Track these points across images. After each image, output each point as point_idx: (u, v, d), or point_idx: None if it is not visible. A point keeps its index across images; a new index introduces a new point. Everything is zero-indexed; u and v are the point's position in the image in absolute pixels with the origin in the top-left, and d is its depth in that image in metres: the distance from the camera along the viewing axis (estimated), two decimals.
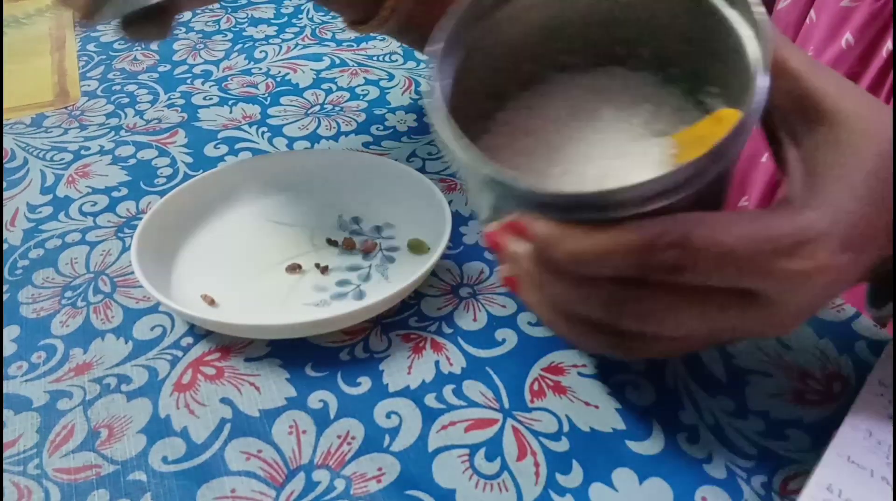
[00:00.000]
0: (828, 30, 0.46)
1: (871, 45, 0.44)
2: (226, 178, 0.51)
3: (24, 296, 0.45)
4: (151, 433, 0.36)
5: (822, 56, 0.46)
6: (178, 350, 0.41)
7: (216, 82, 0.69)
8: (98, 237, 0.50)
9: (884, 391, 0.33)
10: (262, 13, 0.82)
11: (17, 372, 0.40)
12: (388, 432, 0.36)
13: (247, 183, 0.51)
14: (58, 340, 0.42)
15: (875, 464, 0.30)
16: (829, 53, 0.45)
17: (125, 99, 0.67)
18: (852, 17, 0.44)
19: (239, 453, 0.35)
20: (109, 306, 0.44)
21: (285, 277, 0.45)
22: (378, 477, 0.34)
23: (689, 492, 0.33)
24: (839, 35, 0.45)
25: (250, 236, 0.48)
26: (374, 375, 0.39)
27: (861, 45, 0.44)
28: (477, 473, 0.34)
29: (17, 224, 0.52)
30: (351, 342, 0.41)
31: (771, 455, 0.34)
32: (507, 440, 0.35)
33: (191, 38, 0.77)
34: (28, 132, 0.63)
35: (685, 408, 0.36)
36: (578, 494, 0.33)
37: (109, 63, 0.73)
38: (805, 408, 0.36)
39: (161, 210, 0.47)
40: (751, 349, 0.39)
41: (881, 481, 0.29)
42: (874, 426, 0.32)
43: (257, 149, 0.59)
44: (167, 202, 0.48)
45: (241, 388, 0.39)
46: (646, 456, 0.34)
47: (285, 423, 0.37)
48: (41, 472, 0.35)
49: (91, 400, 0.38)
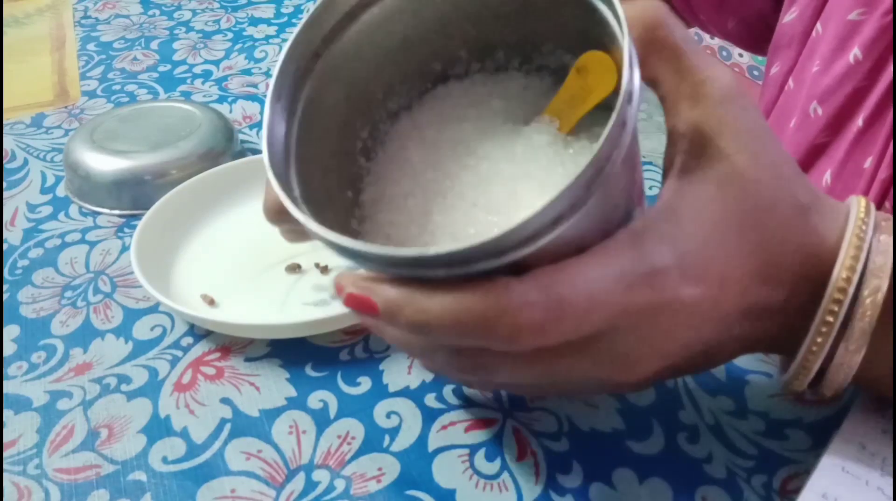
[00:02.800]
0: (835, 43, 0.44)
1: (881, 60, 0.41)
2: (226, 178, 0.51)
3: (24, 296, 0.45)
4: (151, 433, 0.36)
5: (829, 70, 0.44)
6: (178, 350, 0.41)
7: (216, 82, 0.69)
8: (98, 237, 0.50)
9: (877, 406, 0.33)
10: (262, 13, 0.82)
11: (17, 372, 0.40)
12: (388, 432, 0.36)
13: (247, 183, 0.51)
14: (58, 340, 0.42)
15: (870, 475, 0.30)
16: (836, 68, 0.44)
17: (125, 99, 0.67)
18: (861, 31, 0.42)
19: (239, 453, 0.35)
20: (109, 306, 0.44)
21: (285, 277, 0.45)
22: (378, 477, 0.34)
23: (689, 492, 0.33)
24: (847, 49, 0.43)
25: (250, 236, 0.48)
26: (374, 375, 0.39)
27: (870, 61, 0.42)
28: (477, 473, 0.34)
29: (17, 224, 0.52)
30: (351, 342, 0.41)
31: (771, 455, 0.34)
32: (507, 440, 0.35)
33: (191, 38, 0.77)
34: (28, 132, 0.63)
35: (685, 408, 0.36)
36: (578, 494, 0.33)
37: (109, 63, 0.73)
38: (805, 408, 0.36)
39: (161, 210, 0.47)
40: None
41: (877, 491, 0.29)
42: (867, 439, 0.31)
43: (257, 149, 0.59)
44: (167, 202, 0.48)
45: (241, 388, 0.39)
46: (646, 456, 0.34)
47: (285, 423, 0.37)
48: (41, 472, 0.35)
49: (91, 400, 0.38)
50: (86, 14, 0.85)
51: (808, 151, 0.46)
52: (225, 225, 0.49)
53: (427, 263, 0.24)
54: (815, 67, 0.46)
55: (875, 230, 0.29)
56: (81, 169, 0.53)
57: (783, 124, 0.49)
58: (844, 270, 0.28)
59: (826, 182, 0.45)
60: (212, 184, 0.50)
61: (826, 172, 0.45)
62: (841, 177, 0.44)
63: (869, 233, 0.28)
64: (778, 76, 0.51)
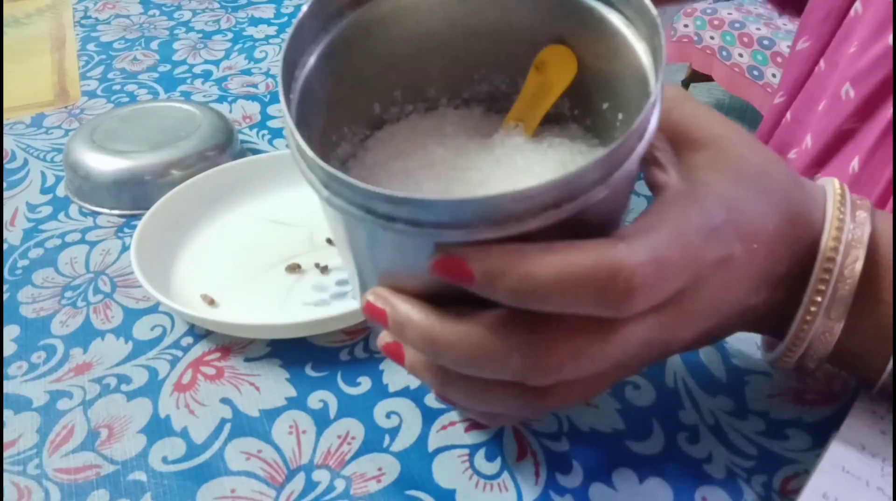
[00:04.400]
0: (874, 25, 0.43)
1: None
2: (226, 178, 0.51)
3: (24, 296, 0.45)
4: (151, 433, 0.36)
5: (865, 52, 0.43)
6: (178, 350, 0.41)
7: (216, 82, 0.69)
8: (98, 237, 0.50)
9: (875, 408, 0.33)
10: (262, 13, 0.82)
11: (17, 372, 0.40)
12: (388, 432, 0.36)
13: (247, 183, 0.51)
14: (58, 340, 0.42)
15: (870, 475, 0.30)
16: (873, 51, 0.43)
17: (125, 99, 0.67)
18: None
19: (239, 453, 0.35)
20: (109, 306, 0.44)
21: (285, 276, 0.45)
22: (378, 477, 0.34)
23: (689, 492, 0.33)
24: (886, 33, 0.42)
25: (250, 236, 0.48)
26: (374, 375, 0.39)
27: None
28: (477, 473, 0.34)
29: (17, 224, 0.52)
30: (351, 342, 0.41)
31: (771, 455, 0.34)
32: (507, 440, 0.35)
33: (191, 38, 0.77)
34: (28, 132, 0.63)
35: (685, 408, 0.36)
36: (578, 494, 0.33)
37: (109, 63, 0.73)
38: (805, 408, 0.36)
39: (161, 210, 0.47)
40: (751, 348, 0.39)
41: (877, 491, 0.29)
42: (867, 440, 0.31)
43: (257, 149, 0.59)
44: (167, 202, 0.48)
45: (241, 388, 0.39)
46: (646, 456, 0.34)
47: (285, 423, 0.37)
48: (41, 472, 0.35)
49: (91, 400, 0.38)
50: (86, 14, 0.85)
51: (835, 136, 0.46)
52: (225, 225, 0.49)
53: (506, 206, 0.22)
54: (851, 48, 0.45)
55: (852, 207, 0.30)
56: (81, 169, 0.53)
57: (811, 107, 0.49)
58: (831, 240, 0.29)
59: (853, 169, 0.45)
60: (212, 184, 0.50)
61: (853, 159, 0.45)
62: (869, 165, 0.44)
63: (847, 208, 0.30)
64: (806, 53, 0.50)
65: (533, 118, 0.32)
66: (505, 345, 0.24)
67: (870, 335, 0.30)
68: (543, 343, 0.24)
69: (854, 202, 0.31)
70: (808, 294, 0.30)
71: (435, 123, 0.34)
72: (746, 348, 0.39)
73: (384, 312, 0.27)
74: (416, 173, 0.31)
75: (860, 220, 0.30)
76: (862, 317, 0.30)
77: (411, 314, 0.26)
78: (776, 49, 1.95)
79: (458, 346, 0.25)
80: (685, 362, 0.39)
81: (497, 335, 0.25)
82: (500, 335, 0.25)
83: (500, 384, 0.26)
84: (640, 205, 0.50)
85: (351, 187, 0.24)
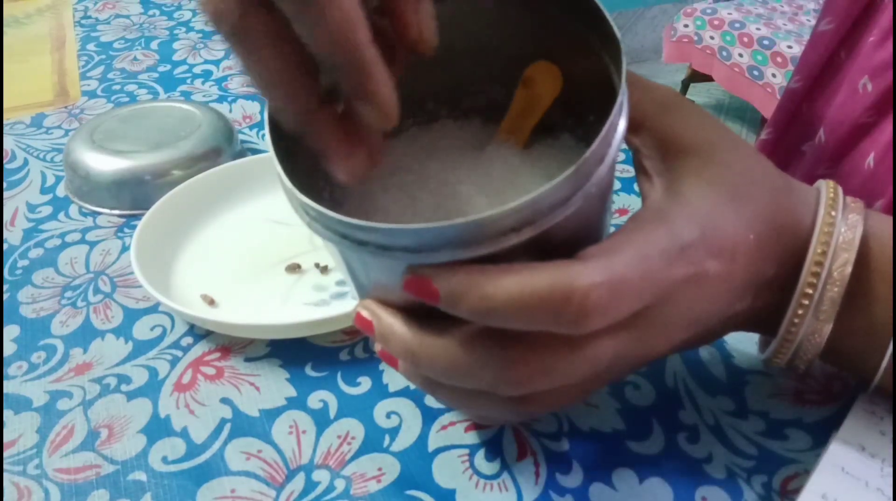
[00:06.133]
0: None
1: None
2: (226, 178, 0.51)
3: (24, 296, 0.45)
4: (151, 433, 0.36)
5: (885, 44, 0.42)
6: (178, 350, 0.41)
7: (216, 82, 0.69)
8: (98, 237, 0.50)
9: (875, 409, 0.33)
10: None
11: (17, 372, 0.40)
12: (388, 432, 0.36)
13: (247, 183, 0.51)
14: (58, 340, 0.42)
15: (870, 476, 0.30)
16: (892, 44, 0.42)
17: (125, 99, 0.67)
18: None
19: (239, 453, 0.35)
20: (109, 306, 0.44)
21: (285, 276, 0.45)
22: (378, 477, 0.34)
23: (689, 492, 0.33)
24: None
25: (250, 236, 0.48)
26: (374, 375, 0.39)
27: None
28: (477, 473, 0.34)
29: (17, 224, 0.52)
30: (351, 342, 0.41)
31: (771, 455, 0.34)
32: (507, 440, 0.35)
33: (191, 38, 0.77)
34: (28, 132, 0.63)
35: (685, 408, 0.36)
36: (578, 494, 0.33)
37: (109, 63, 0.73)
38: (805, 408, 0.36)
39: (161, 210, 0.47)
40: (751, 349, 0.39)
41: (876, 492, 0.29)
42: (866, 440, 0.32)
43: (257, 149, 0.59)
44: (167, 202, 0.48)
45: (241, 388, 0.39)
46: (646, 456, 0.34)
47: (285, 423, 0.37)
48: (41, 472, 0.35)
49: (91, 400, 0.38)
50: (86, 14, 0.85)
51: (851, 130, 0.45)
52: (225, 225, 0.49)
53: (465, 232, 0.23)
54: (871, 37, 0.44)
55: (844, 209, 0.30)
56: (81, 169, 0.53)
57: (829, 99, 0.48)
58: (820, 244, 0.30)
59: (868, 165, 0.44)
60: (212, 184, 0.50)
61: (869, 154, 0.44)
62: (885, 161, 0.43)
63: (839, 211, 0.30)
64: (827, 35, 0.49)
65: (522, 131, 0.33)
66: (478, 360, 0.26)
67: (863, 334, 0.30)
68: (512, 359, 0.25)
69: (847, 205, 0.31)
70: (796, 297, 0.30)
71: (431, 137, 0.35)
72: (746, 348, 0.39)
73: (371, 323, 0.28)
74: (410, 188, 0.32)
75: (852, 222, 0.30)
76: (855, 317, 0.30)
77: (395, 326, 0.28)
78: (776, 49, 1.95)
79: (435, 361, 0.26)
80: (685, 362, 0.39)
81: (470, 349, 0.26)
82: (473, 349, 0.26)
83: (482, 392, 0.27)
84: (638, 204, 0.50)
85: (324, 216, 0.25)
